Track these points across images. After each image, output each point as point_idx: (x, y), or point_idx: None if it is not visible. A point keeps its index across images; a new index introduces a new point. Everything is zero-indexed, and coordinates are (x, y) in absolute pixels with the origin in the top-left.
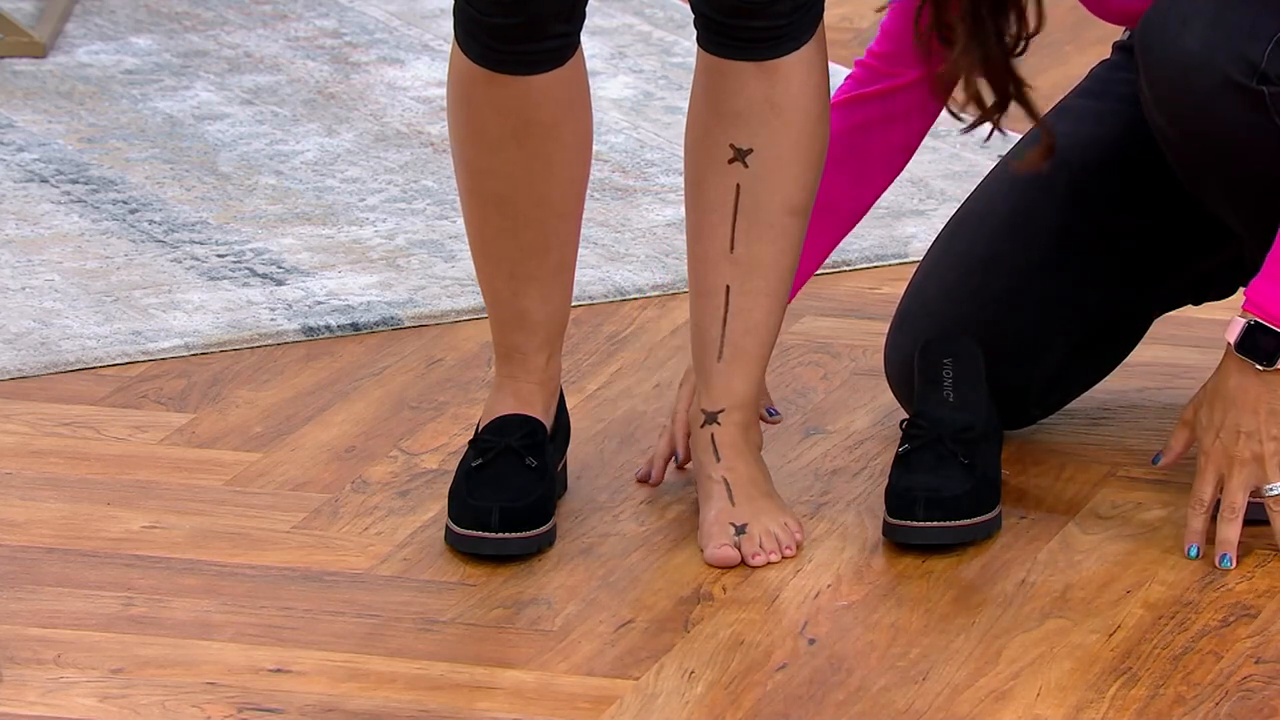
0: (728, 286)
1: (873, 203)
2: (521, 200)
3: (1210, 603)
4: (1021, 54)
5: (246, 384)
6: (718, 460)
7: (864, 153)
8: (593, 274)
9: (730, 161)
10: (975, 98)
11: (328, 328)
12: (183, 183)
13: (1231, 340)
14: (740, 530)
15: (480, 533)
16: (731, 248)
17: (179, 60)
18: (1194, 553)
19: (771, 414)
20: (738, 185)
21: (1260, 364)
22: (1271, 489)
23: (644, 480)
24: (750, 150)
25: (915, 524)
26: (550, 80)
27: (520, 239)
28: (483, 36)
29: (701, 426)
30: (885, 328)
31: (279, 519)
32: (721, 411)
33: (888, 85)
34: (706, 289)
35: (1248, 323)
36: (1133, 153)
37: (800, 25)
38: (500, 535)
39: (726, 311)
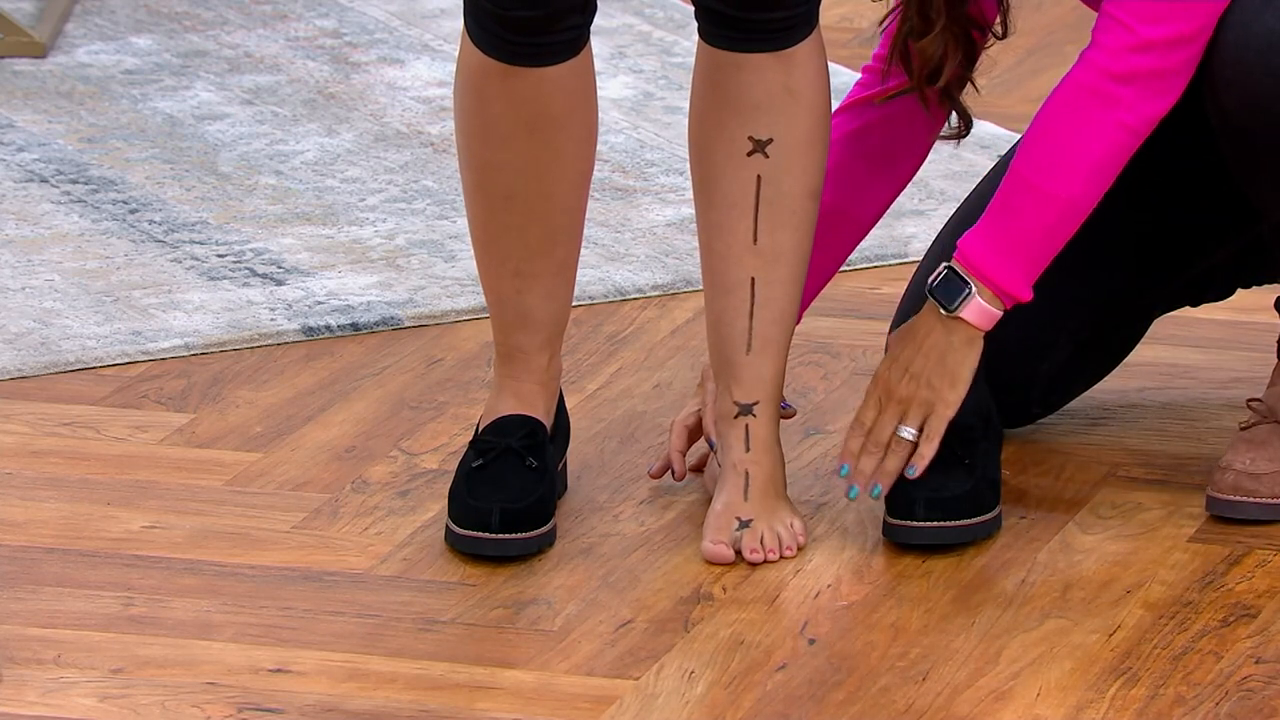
0: (753, 279)
1: (886, 205)
2: (529, 195)
3: (1210, 603)
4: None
5: (246, 384)
6: (747, 451)
7: (874, 154)
8: (593, 274)
9: (749, 154)
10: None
11: (328, 328)
12: (183, 183)
13: (931, 282)
14: (744, 525)
15: (480, 533)
16: (755, 239)
17: (179, 60)
18: (844, 471)
19: (785, 407)
20: (758, 176)
21: (943, 307)
22: (902, 430)
23: (659, 475)
24: (770, 140)
25: (915, 524)
26: (563, 71)
27: (527, 235)
28: (497, 29)
29: (735, 418)
30: (885, 328)
31: (279, 519)
32: (756, 404)
33: (892, 85)
34: (729, 284)
35: (948, 267)
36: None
37: (812, 11)
38: (500, 536)
39: (753, 304)
